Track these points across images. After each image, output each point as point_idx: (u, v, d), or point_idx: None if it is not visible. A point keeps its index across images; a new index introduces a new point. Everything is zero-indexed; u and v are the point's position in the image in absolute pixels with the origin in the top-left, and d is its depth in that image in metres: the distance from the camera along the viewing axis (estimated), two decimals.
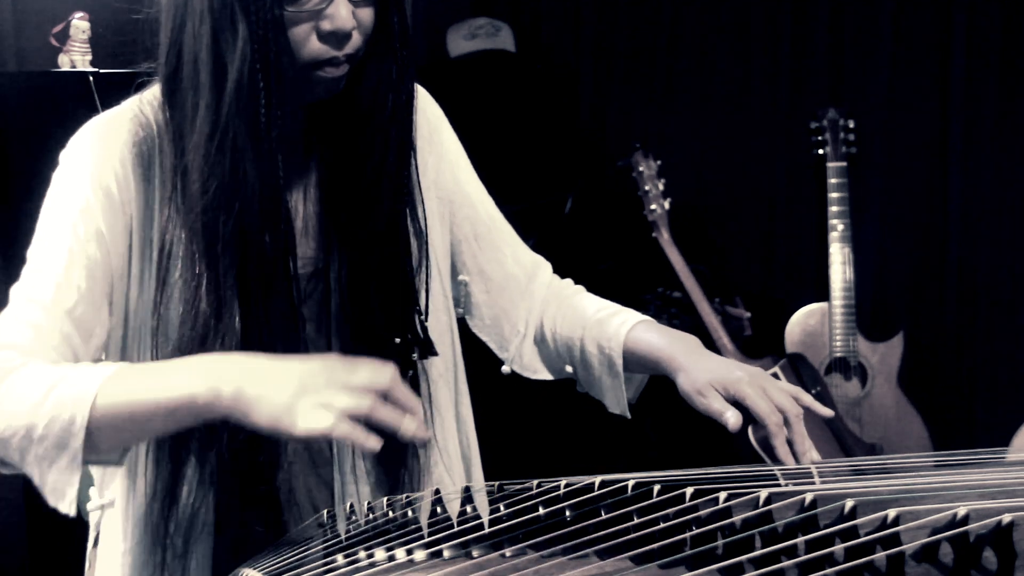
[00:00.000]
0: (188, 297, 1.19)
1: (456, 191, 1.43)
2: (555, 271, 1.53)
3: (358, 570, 0.99)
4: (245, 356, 1.09)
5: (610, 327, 1.40)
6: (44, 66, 2.48)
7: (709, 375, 1.29)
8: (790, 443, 1.27)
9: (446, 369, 1.40)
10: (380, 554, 1.02)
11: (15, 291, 1.20)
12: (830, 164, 2.90)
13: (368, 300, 1.28)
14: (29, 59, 2.53)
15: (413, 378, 1.31)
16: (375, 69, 1.23)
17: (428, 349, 1.32)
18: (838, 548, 0.89)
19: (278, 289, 1.21)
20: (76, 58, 2.45)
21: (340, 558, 1.01)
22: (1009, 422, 2.84)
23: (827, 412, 1.34)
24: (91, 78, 2.24)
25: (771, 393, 1.28)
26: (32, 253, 1.22)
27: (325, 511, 1.16)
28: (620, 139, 3.14)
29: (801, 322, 2.88)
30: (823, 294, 2.88)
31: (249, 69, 1.13)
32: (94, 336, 1.20)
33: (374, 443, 0.98)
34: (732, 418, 1.27)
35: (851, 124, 2.94)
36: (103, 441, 1.08)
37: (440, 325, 1.39)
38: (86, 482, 1.48)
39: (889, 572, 0.87)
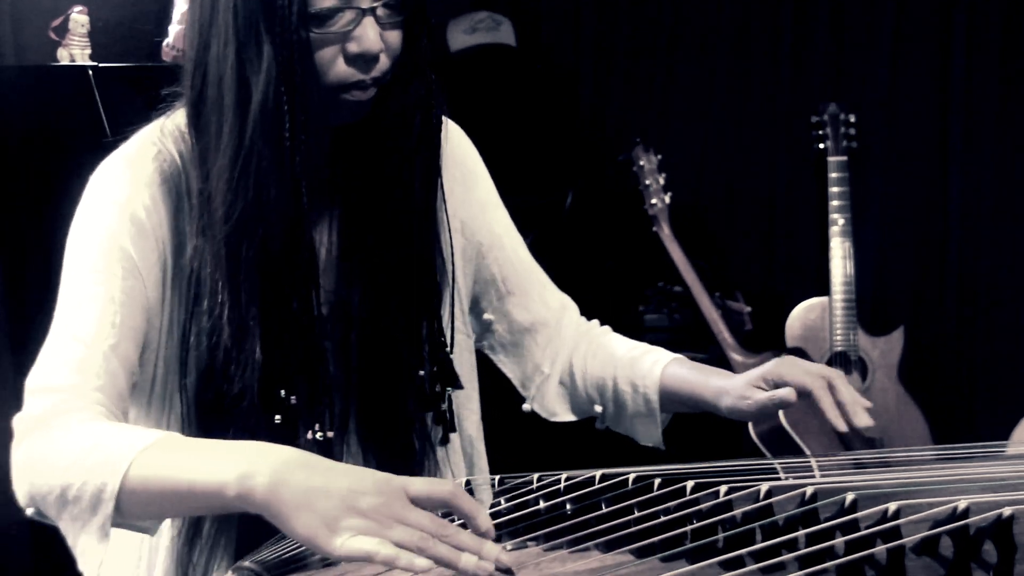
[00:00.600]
0: (211, 326, 1.16)
1: (487, 233, 1.41)
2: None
3: (360, 564, 0.99)
4: (288, 452, 0.97)
5: (643, 365, 1.40)
6: (43, 60, 2.47)
7: (747, 379, 1.31)
8: (840, 405, 1.24)
9: (471, 398, 1.39)
10: None
11: (55, 327, 1.17)
12: (831, 158, 2.89)
13: (392, 333, 1.25)
14: (28, 53, 2.53)
15: (441, 415, 1.30)
16: (402, 92, 1.20)
17: (453, 382, 1.31)
18: (839, 541, 0.89)
19: (300, 320, 1.18)
20: (75, 52, 2.44)
21: None
22: (1009, 416, 2.84)
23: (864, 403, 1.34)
24: (90, 72, 2.24)
25: (807, 366, 1.28)
26: (66, 288, 1.19)
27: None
28: (620, 134, 3.13)
29: (801, 316, 2.88)
30: (823, 288, 2.88)
31: (274, 92, 1.11)
32: (135, 373, 1.18)
33: (423, 564, 0.88)
34: (784, 392, 1.27)
35: (852, 119, 2.93)
36: (133, 511, 1.04)
37: (464, 357, 1.38)
38: None
39: (890, 565, 0.87)
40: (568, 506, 1.03)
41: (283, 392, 1.17)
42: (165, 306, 1.20)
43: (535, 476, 1.10)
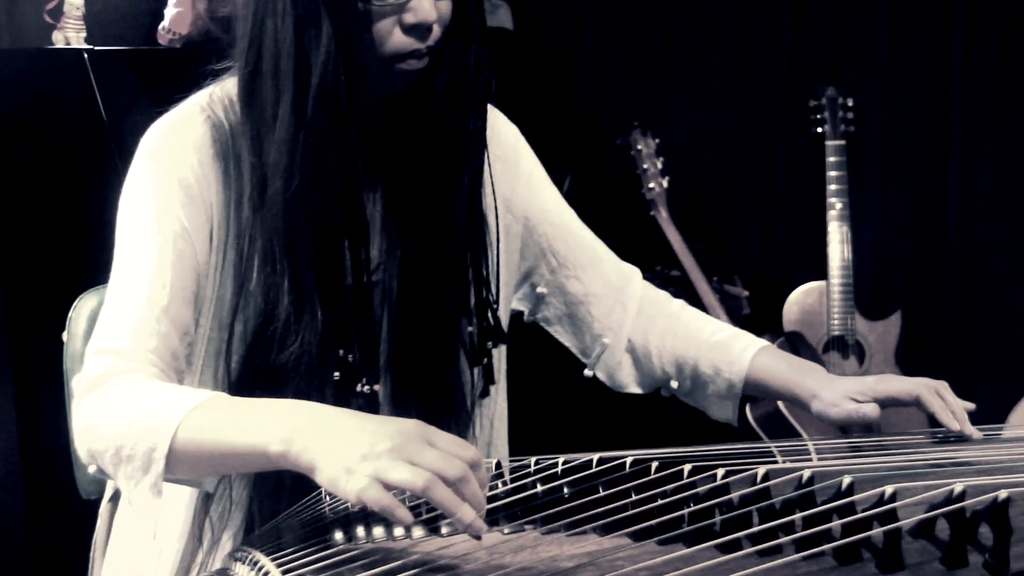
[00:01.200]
0: (268, 297, 1.19)
1: (534, 209, 1.43)
2: (628, 266, 1.53)
3: (356, 546, 1.00)
4: (324, 410, 1.03)
5: (731, 351, 1.42)
6: (38, 43, 2.46)
7: (844, 390, 1.34)
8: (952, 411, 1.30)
9: (498, 378, 1.39)
10: (379, 530, 1.02)
11: (109, 292, 1.21)
12: (829, 142, 2.89)
13: (435, 290, 1.27)
14: (23, 36, 2.51)
15: (488, 368, 1.32)
16: (452, 60, 1.22)
17: (500, 337, 1.33)
18: (835, 524, 0.90)
19: (355, 283, 1.21)
20: (70, 35, 2.43)
21: (339, 534, 1.02)
22: (1006, 400, 2.85)
23: (967, 405, 1.37)
24: (86, 55, 2.23)
25: (904, 380, 1.33)
26: (120, 253, 1.22)
27: (323, 488, 1.16)
28: (618, 118, 3.13)
29: (799, 300, 2.88)
30: (821, 273, 2.88)
31: (333, 66, 1.13)
32: (188, 334, 1.21)
33: (403, 514, 0.91)
34: (870, 408, 1.32)
35: (850, 102, 2.93)
36: (183, 469, 1.09)
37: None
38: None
39: (886, 548, 0.88)
40: (565, 490, 1.04)
41: (341, 351, 1.20)
42: (212, 271, 1.22)
43: (532, 460, 1.10)
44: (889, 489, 0.88)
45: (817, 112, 2.92)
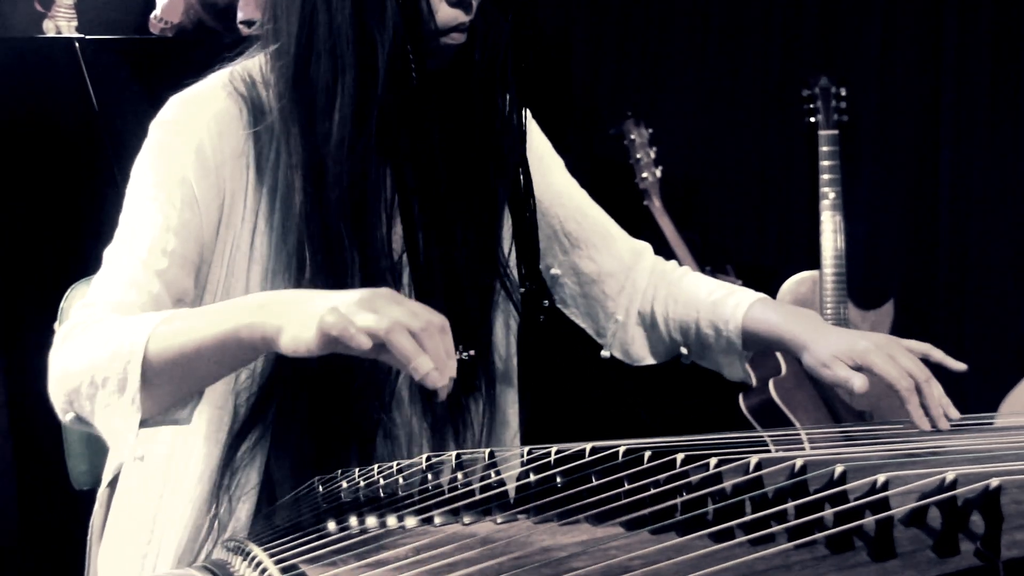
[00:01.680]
0: (332, 280, 1.18)
1: (545, 189, 1.44)
2: (639, 243, 1.54)
3: (349, 536, 1.00)
4: (292, 290, 1.08)
5: (726, 308, 1.42)
6: (29, 32, 2.45)
7: (834, 348, 1.31)
8: (924, 408, 1.27)
9: (504, 356, 1.40)
10: (372, 520, 1.02)
11: (108, 252, 1.21)
12: (821, 132, 2.89)
13: (441, 278, 1.27)
14: (13, 25, 2.51)
15: (544, 324, 1.34)
16: (487, 32, 1.24)
17: (544, 293, 1.36)
18: (828, 513, 0.90)
19: (392, 260, 1.23)
20: (61, 24, 2.42)
21: (332, 524, 1.02)
22: (998, 389, 2.85)
23: (959, 366, 1.36)
24: (77, 44, 2.22)
25: (900, 360, 1.29)
26: (126, 215, 1.22)
27: (317, 478, 1.16)
28: (612, 107, 3.13)
29: (792, 290, 2.88)
30: (814, 262, 2.88)
31: (401, 42, 1.15)
32: (182, 301, 1.21)
33: (363, 340, 0.92)
34: (859, 382, 1.29)
35: (843, 92, 2.93)
36: (160, 384, 1.07)
37: (508, 316, 1.39)
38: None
39: (878, 536, 0.88)
40: (558, 479, 1.04)
41: None
42: (230, 244, 1.23)
43: (525, 449, 1.10)
44: (881, 478, 0.89)
45: (810, 102, 2.92)
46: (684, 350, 1.47)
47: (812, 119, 2.91)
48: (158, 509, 1.26)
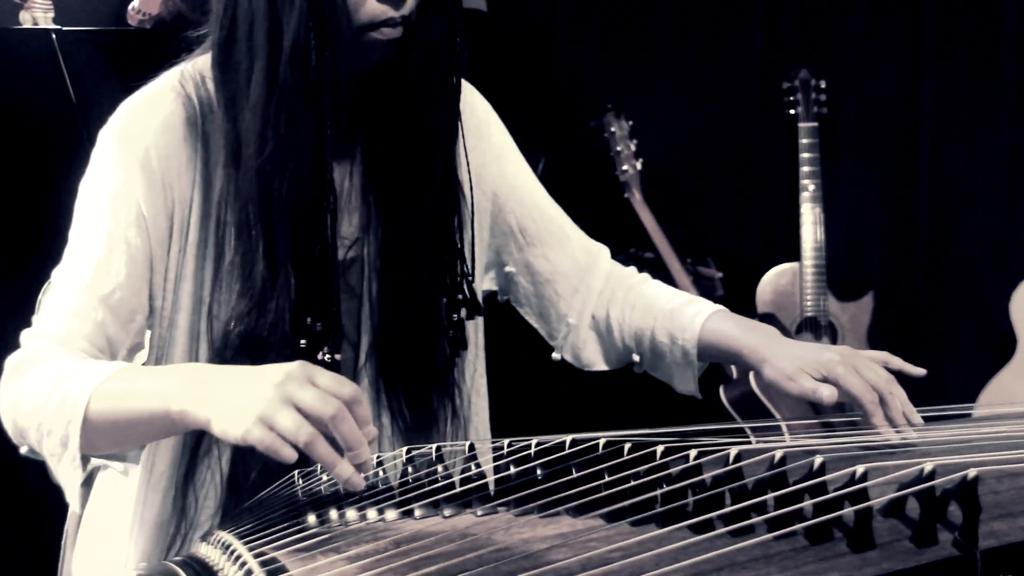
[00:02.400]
0: (243, 262, 1.19)
1: (503, 185, 1.43)
2: (596, 245, 1.52)
3: (329, 529, 0.99)
4: (217, 367, 1.08)
5: (684, 317, 1.40)
6: (4, 23, 2.43)
7: (798, 361, 1.30)
8: (890, 420, 1.25)
9: (475, 353, 1.40)
10: (352, 513, 1.02)
11: (56, 273, 1.22)
12: (801, 124, 2.89)
13: (415, 263, 1.28)
14: None
15: (460, 339, 1.32)
16: (427, 31, 1.22)
17: (475, 309, 1.33)
18: (807, 504, 0.90)
19: (326, 254, 1.22)
20: (38, 15, 2.40)
21: (312, 517, 1.01)
22: (977, 380, 2.87)
23: (918, 371, 1.35)
24: (54, 36, 2.20)
25: (863, 372, 1.27)
26: (73, 235, 1.23)
27: (296, 471, 1.16)
28: (593, 100, 3.13)
29: (772, 282, 2.89)
30: (794, 254, 2.89)
31: (305, 30, 1.14)
32: (133, 321, 1.22)
33: (288, 453, 0.95)
34: (827, 393, 1.27)
35: (823, 84, 2.93)
36: (99, 442, 1.11)
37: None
38: None
39: (857, 527, 0.88)
40: (538, 471, 1.04)
41: (309, 319, 1.21)
42: (176, 254, 1.23)
43: (506, 441, 1.10)
44: (860, 469, 0.89)
45: (790, 94, 2.93)
46: (636, 357, 1.46)
47: (792, 111, 2.92)
48: (132, 507, 1.26)
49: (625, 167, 2.89)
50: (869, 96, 3.05)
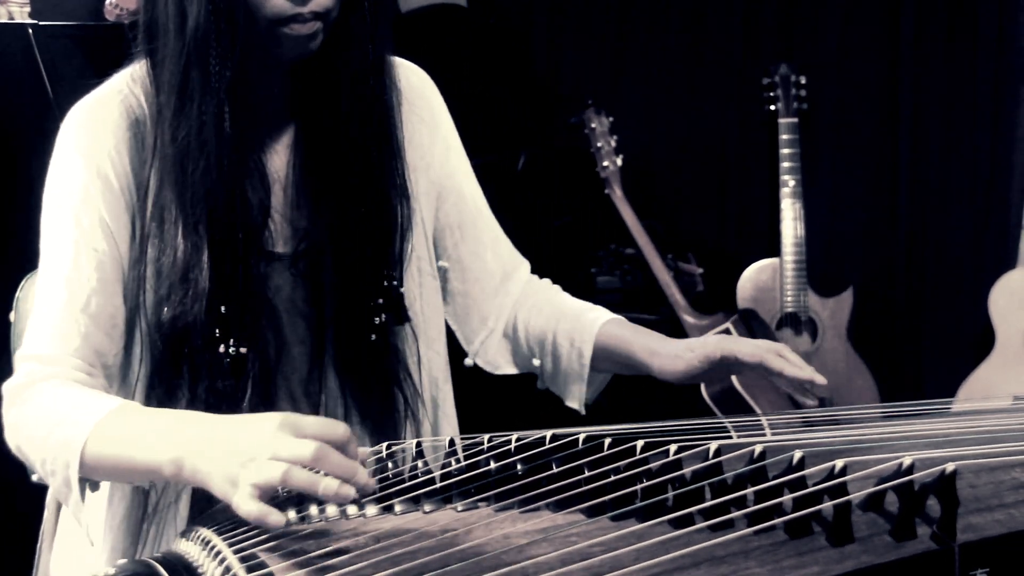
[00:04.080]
0: (169, 245, 1.20)
1: (447, 177, 1.43)
2: (509, 228, 1.52)
3: (309, 524, 0.99)
4: (207, 423, 1.07)
5: (583, 322, 1.42)
6: None
7: (684, 344, 1.33)
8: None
9: (438, 339, 1.41)
10: (332, 508, 1.02)
11: (37, 292, 1.24)
12: (781, 120, 2.90)
13: (351, 264, 1.28)
14: None
15: (383, 342, 1.31)
16: (347, 27, 1.22)
17: (399, 316, 1.33)
18: (787, 498, 0.90)
19: (245, 244, 1.22)
20: (14, 9, 2.38)
21: (292, 513, 1.01)
22: (955, 375, 2.89)
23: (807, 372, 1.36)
24: (30, 30, 2.18)
25: (755, 340, 1.32)
26: (43, 248, 1.25)
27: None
28: (572, 96, 3.12)
29: (753, 278, 2.90)
30: (774, 250, 2.90)
31: (204, 18, 1.15)
32: (115, 327, 1.24)
33: (276, 520, 0.95)
34: (712, 348, 1.31)
35: (802, 80, 2.94)
36: (98, 477, 1.15)
37: (431, 295, 1.40)
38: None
39: (836, 521, 0.88)
40: (519, 466, 1.04)
41: (224, 308, 1.21)
42: (135, 251, 1.24)
43: (486, 437, 1.10)
44: (839, 463, 0.89)
45: (770, 90, 2.94)
46: (536, 363, 1.47)
47: (772, 107, 2.93)
48: (105, 507, 1.26)
49: (605, 163, 2.89)
50: (848, 92, 3.07)
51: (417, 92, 1.38)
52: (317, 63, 1.23)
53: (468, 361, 1.50)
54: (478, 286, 1.46)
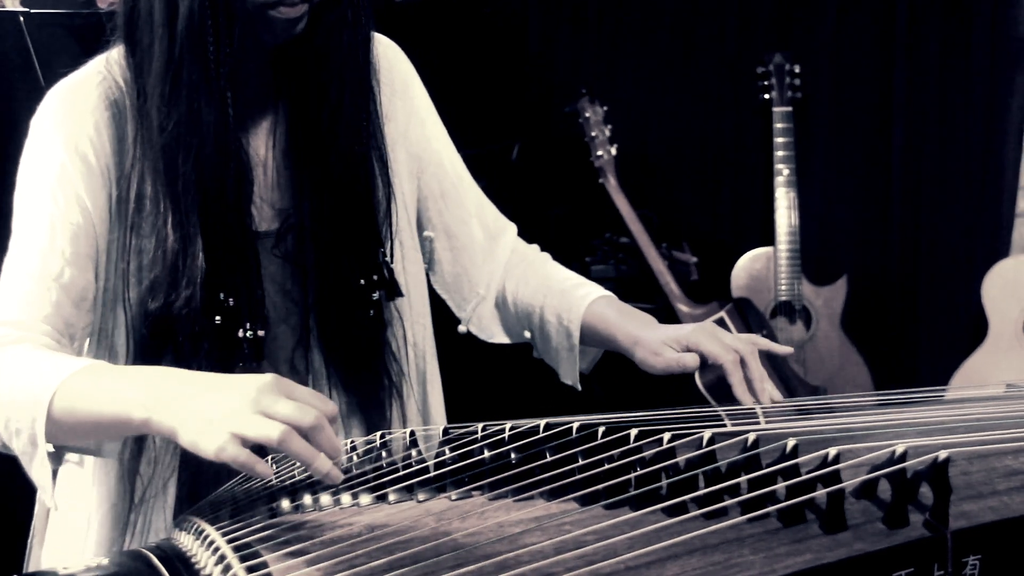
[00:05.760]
0: (157, 236, 1.20)
1: (425, 147, 1.43)
2: (505, 218, 1.52)
3: (303, 515, 0.99)
4: (184, 374, 1.05)
5: (571, 299, 1.41)
6: None
7: (662, 336, 1.33)
8: (748, 382, 1.28)
9: (423, 313, 1.41)
10: (326, 498, 1.02)
11: (7, 261, 1.22)
12: (776, 109, 2.90)
13: (334, 243, 1.28)
14: None
15: (378, 319, 1.31)
16: (331, 9, 1.22)
17: (393, 291, 1.33)
18: (780, 486, 0.90)
19: (238, 229, 1.22)
20: None
21: (286, 502, 1.01)
22: (949, 363, 2.89)
23: (785, 350, 1.37)
24: (21, 18, 2.17)
25: (723, 337, 1.30)
26: (16, 224, 1.24)
27: (270, 456, 1.15)
28: (567, 85, 3.12)
29: (747, 267, 2.90)
30: (769, 239, 2.90)
31: (199, 5, 1.14)
32: (85, 300, 1.23)
33: (263, 469, 0.94)
34: (690, 359, 1.30)
35: (797, 69, 2.94)
36: (66, 438, 1.11)
37: (415, 269, 1.40)
38: None
39: (829, 509, 0.89)
40: (512, 455, 1.04)
41: (223, 295, 1.21)
42: (112, 232, 1.23)
43: (479, 426, 1.10)
44: (832, 451, 0.89)
45: (764, 79, 2.94)
46: (527, 335, 1.47)
47: (766, 96, 2.93)
48: (89, 498, 1.26)
49: (600, 152, 2.89)
50: (843, 81, 3.06)
51: (391, 65, 1.39)
52: (300, 45, 1.23)
53: (462, 328, 1.49)
54: (466, 253, 1.46)
